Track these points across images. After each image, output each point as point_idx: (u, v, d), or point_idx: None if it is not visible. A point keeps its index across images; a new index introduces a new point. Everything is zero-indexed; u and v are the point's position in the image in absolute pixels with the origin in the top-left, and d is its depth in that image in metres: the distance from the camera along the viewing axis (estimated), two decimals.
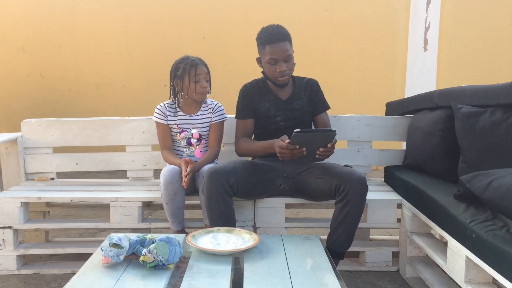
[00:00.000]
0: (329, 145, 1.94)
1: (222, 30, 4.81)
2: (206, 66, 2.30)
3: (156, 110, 2.35)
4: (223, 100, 2.43)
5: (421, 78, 4.78)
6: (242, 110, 2.29)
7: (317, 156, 1.96)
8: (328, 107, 2.35)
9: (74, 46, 4.89)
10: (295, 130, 1.85)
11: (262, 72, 2.25)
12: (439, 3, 4.68)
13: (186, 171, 2.09)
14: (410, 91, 4.55)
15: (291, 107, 2.25)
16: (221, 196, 1.97)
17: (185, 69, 2.25)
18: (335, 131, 1.90)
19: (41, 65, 4.91)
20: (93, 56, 4.90)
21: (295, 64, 2.22)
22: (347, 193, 1.95)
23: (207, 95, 2.34)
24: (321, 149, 1.94)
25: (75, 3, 4.84)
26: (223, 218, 1.97)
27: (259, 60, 2.25)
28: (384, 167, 2.69)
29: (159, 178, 2.22)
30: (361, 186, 1.96)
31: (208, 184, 1.97)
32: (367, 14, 4.77)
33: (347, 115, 2.65)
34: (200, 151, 2.35)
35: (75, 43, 4.88)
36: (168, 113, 2.33)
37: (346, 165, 2.15)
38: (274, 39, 2.14)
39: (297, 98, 2.27)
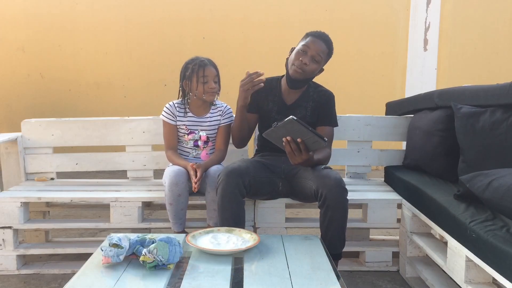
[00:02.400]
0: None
1: (222, 30, 4.81)
2: (215, 67, 2.28)
3: (165, 108, 2.33)
4: (223, 100, 2.43)
5: (421, 78, 4.78)
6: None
7: (284, 140, 1.88)
8: (334, 124, 2.26)
9: (74, 46, 4.89)
10: (291, 116, 1.79)
11: (286, 59, 2.21)
12: (439, 3, 4.68)
13: (195, 176, 2.09)
14: (410, 91, 4.56)
15: (293, 113, 2.20)
16: (235, 196, 1.95)
17: (193, 69, 2.23)
18: (326, 141, 1.86)
19: (41, 65, 4.91)
20: (93, 56, 4.89)
21: (316, 75, 2.20)
22: (326, 198, 1.91)
23: (217, 96, 2.33)
24: (299, 139, 1.86)
25: (75, 3, 4.85)
26: (234, 219, 1.96)
27: (292, 50, 2.21)
28: (384, 167, 2.69)
29: (159, 178, 2.22)
30: (338, 189, 1.91)
31: (224, 184, 1.95)
32: (367, 14, 4.77)
33: (347, 115, 2.64)
34: (206, 154, 2.34)
35: (75, 43, 4.88)
36: (177, 113, 2.32)
37: (325, 167, 2.11)
38: (320, 36, 2.15)
39: (301, 106, 2.24)
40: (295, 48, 2.19)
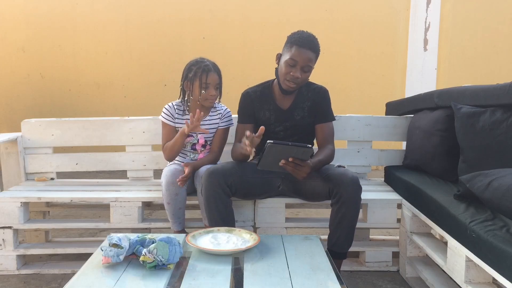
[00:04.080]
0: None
1: (222, 31, 4.81)
2: (218, 73, 2.24)
3: (164, 109, 2.32)
4: (222, 100, 2.43)
5: (421, 78, 4.78)
6: (241, 115, 2.26)
7: (281, 165, 1.88)
8: (332, 119, 2.25)
9: (74, 46, 4.89)
10: (268, 141, 1.79)
11: (276, 69, 2.20)
12: (439, 3, 4.68)
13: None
14: (410, 91, 4.55)
15: (291, 117, 2.21)
16: (219, 196, 1.96)
17: (196, 73, 2.20)
18: (311, 147, 1.84)
19: (41, 65, 4.91)
20: (93, 56, 4.89)
21: (308, 80, 2.18)
22: (341, 195, 1.94)
23: (217, 101, 2.31)
24: (290, 159, 1.86)
25: (75, 3, 4.85)
26: (222, 218, 1.97)
27: (278, 57, 2.18)
28: (384, 167, 2.69)
29: (159, 178, 2.21)
30: (354, 187, 1.94)
31: (206, 185, 1.97)
32: (367, 14, 4.77)
33: (347, 115, 2.64)
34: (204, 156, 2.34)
35: (75, 43, 4.88)
36: (176, 114, 2.30)
37: (339, 166, 2.13)
38: (304, 44, 2.08)
39: (298, 108, 2.22)
40: (281, 55, 2.15)
